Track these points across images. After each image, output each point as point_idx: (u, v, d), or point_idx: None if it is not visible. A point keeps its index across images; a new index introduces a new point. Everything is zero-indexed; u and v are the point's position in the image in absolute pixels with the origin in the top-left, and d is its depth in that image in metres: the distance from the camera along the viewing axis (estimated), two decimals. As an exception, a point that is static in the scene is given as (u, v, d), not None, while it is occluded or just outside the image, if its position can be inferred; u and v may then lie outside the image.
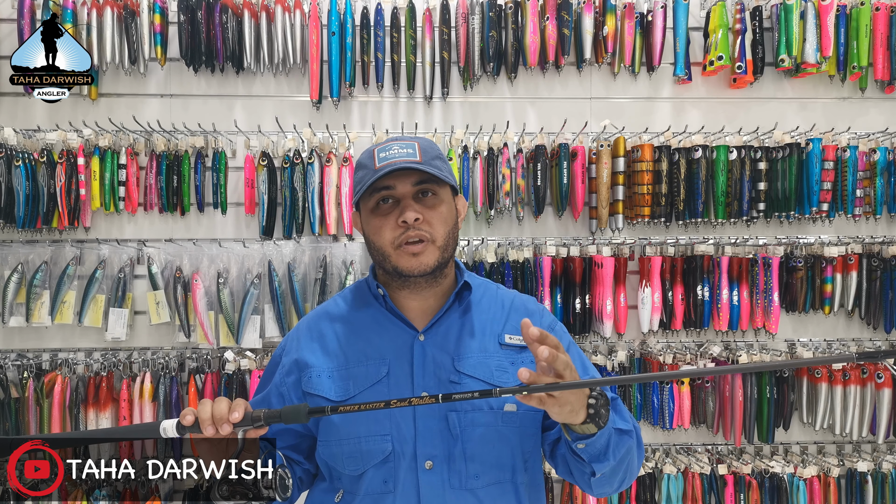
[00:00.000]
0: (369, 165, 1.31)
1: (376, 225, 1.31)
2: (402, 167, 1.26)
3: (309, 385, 1.33)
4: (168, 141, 2.88)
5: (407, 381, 1.30)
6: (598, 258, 2.88)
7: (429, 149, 1.32)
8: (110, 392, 2.78)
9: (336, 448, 1.30)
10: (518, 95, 3.05)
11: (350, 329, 1.38)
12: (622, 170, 2.88)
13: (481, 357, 1.32)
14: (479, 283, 1.44)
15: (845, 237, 3.02)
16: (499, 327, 1.37)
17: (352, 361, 1.33)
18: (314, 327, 1.41)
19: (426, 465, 1.26)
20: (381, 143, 1.33)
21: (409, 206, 1.28)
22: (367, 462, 1.28)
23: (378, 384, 1.30)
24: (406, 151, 1.29)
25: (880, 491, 2.93)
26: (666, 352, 2.94)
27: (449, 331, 1.35)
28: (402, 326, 1.36)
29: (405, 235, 1.28)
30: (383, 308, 1.38)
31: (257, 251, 2.91)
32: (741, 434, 2.90)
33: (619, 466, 1.23)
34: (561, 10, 2.87)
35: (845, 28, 2.96)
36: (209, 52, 2.85)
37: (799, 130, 2.98)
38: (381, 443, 1.27)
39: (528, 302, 1.46)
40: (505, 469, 1.29)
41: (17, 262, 2.84)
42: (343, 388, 1.31)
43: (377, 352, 1.33)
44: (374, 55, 2.91)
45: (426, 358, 1.32)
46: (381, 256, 1.32)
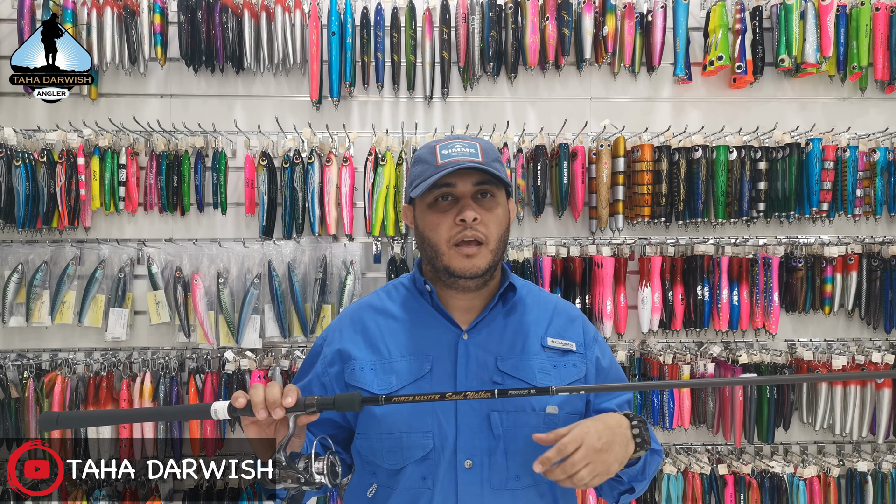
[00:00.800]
0: (430, 161, 1.31)
1: (433, 221, 1.31)
2: (467, 166, 1.26)
3: (352, 377, 1.33)
4: (168, 141, 2.88)
5: (450, 378, 1.31)
6: (598, 258, 2.88)
7: (489, 150, 1.33)
8: (110, 392, 2.78)
9: (376, 442, 1.31)
10: (518, 95, 3.05)
11: (394, 323, 1.38)
12: (622, 170, 2.88)
13: (524, 358, 1.34)
14: (522, 284, 1.45)
15: (845, 237, 3.02)
16: (542, 330, 1.38)
17: (395, 356, 1.34)
18: (357, 319, 1.41)
19: (466, 463, 1.27)
20: (442, 140, 1.34)
21: (469, 206, 1.28)
22: (407, 457, 1.28)
23: (420, 380, 1.31)
24: (469, 150, 1.29)
25: (880, 491, 2.93)
26: (666, 352, 2.94)
27: (492, 331, 1.36)
28: (446, 324, 1.36)
29: (462, 234, 1.28)
30: (429, 304, 1.39)
31: (257, 251, 2.91)
32: (741, 434, 2.90)
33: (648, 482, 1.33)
34: (561, 10, 2.87)
35: (845, 28, 2.96)
36: (209, 52, 2.85)
37: (799, 130, 2.98)
38: (423, 439, 1.28)
39: (570, 308, 1.47)
40: None
41: (17, 262, 2.84)
42: (386, 382, 1.31)
43: (421, 348, 1.34)
44: (374, 55, 2.91)
45: (469, 357, 1.33)
46: (434, 253, 1.32)
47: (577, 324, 1.43)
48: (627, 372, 2.91)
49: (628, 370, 2.92)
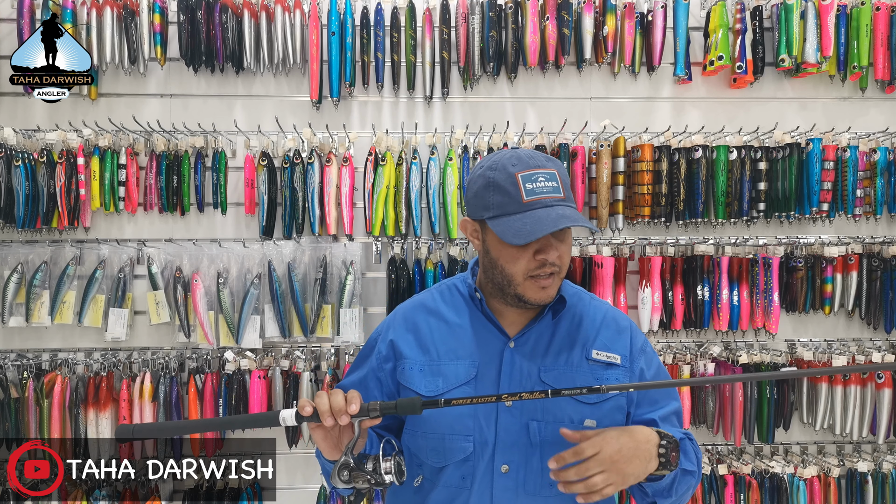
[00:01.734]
0: (513, 193, 1.26)
1: (512, 255, 1.29)
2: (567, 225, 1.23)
3: (402, 376, 1.38)
4: (168, 141, 2.87)
5: (493, 385, 1.34)
6: (598, 258, 2.88)
7: (565, 178, 1.30)
8: (110, 392, 2.78)
9: (421, 440, 1.35)
10: (518, 95, 3.05)
11: (444, 326, 1.41)
12: (622, 170, 2.88)
13: (567, 369, 1.35)
14: (572, 292, 1.45)
15: (845, 237, 3.02)
16: (588, 342, 1.39)
17: (443, 358, 1.37)
18: (410, 318, 1.44)
19: (502, 468, 1.31)
20: (521, 167, 1.27)
21: (552, 247, 1.27)
22: (448, 458, 1.33)
23: (465, 385, 1.34)
24: (552, 185, 1.26)
25: (880, 491, 2.93)
26: (666, 352, 2.94)
27: (539, 340, 1.37)
28: (494, 332, 1.38)
29: (541, 270, 1.28)
30: (479, 311, 1.41)
31: (257, 251, 2.91)
32: (741, 434, 2.90)
33: (678, 500, 1.31)
34: (561, 10, 2.87)
35: (845, 28, 2.96)
36: (209, 52, 2.85)
37: (799, 130, 2.98)
38: (463, 442, 1.32)
39: (620, 318, 1.46)
40: None
41: (17, 262, 2.84)
42: (433, 385, 1.35)
43: (468, 353, 1.37)
44: (374, 55, 2.91)
45: (514, 365, 1.34)
46: (508, 282, 1.31)
47: (624, 335, 1.42)
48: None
49: (628, 370, 2.91)
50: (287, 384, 2.80)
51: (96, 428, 2.76)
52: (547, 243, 1.28)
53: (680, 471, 1.26)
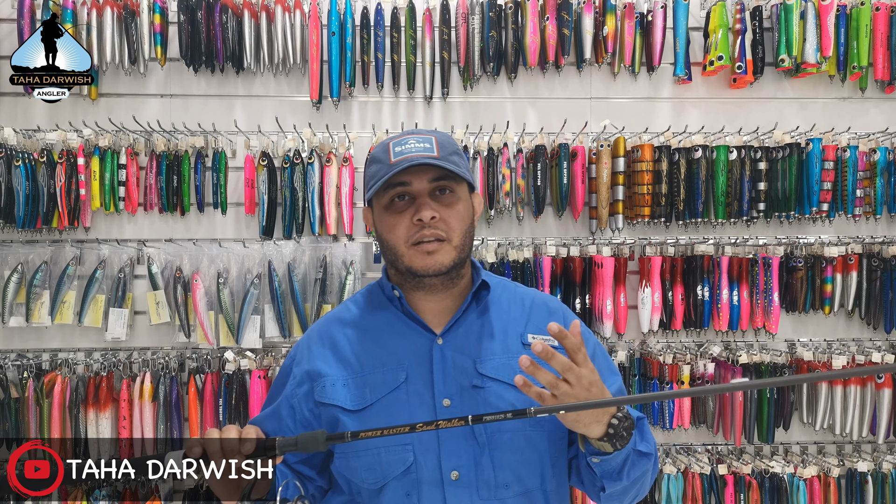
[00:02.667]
0: (384, 160, 1.25)
1: (390, 223, 1.25)
2: (420, 163, 1.21)
3: (322, 394, 1.27)
4: (168, 141, 2.88)
5: (426, 386, 1.24)
6: (598, 258, 2.88)
7: (447, 143, 1.27)
8: (110, 392, 2.78)
9: (354, 461, 1.23)
10: (518, 95, 3.05)
11: (364, 334, 1.32)
12: (622, 170, 2.88)
13: (504, 358, 1.27)
14: (497, 281, 1.39)
15: (845, 237, 3.02)
16: (521, 327, 1.32)
17: (367, 368, 1.27)
18: (325, 334, 1.35)
19: (452, 475, 1.20)
20: (396, 137, 1.27)
21: (426, 204, 1.22)
22: (387, 474, 1.21)
23: (396, 391, 1.24)
24: (423, 146, 1.23)
25: (880, 491, 2.93)
26: (666, 352, 2.94)
27: (468, 332, 1.30)
28: (419, 330, 1.30)
29: (420, 234, 1.22)
30: (399, 311, 1.33)
31: (257, 251, 2.91)
32: (741, 434, 2.90)
33: (631, 487, 1.21)
34: (561, 10, 2.87)
35: (845, 28, 2.96)
36: (209, 52, 2.85)
37: (799, 130, 2.98)
38: (402, 453, 1.21)
39: (550, 301, 1.41)
40: (534, 476, 1.24)
41: (17, 262, 2.84)
42: (359, 397, 1.25)
43: (394, 357, 1.27)
44: (374, 55, 2.91)
45: (446, 362, 1.26)
46: (394, 255, 1.27)
47: (557, 316, 1.35)
48: (627, 372, 2.91)
49: (628, 370, 2.91)
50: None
51: (96, 428, 2.76)
52: (422, 203, 1.22)
53: (634, 451, 1.15)
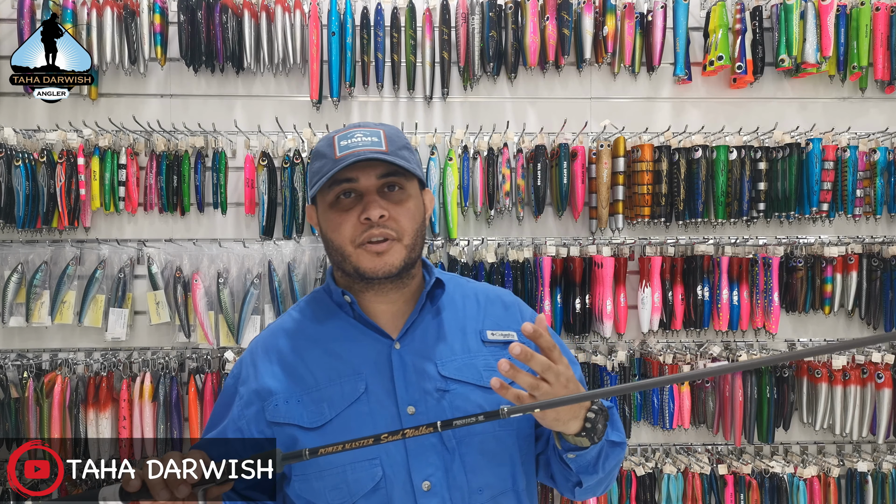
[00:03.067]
0: (329, 154, 1.17)
1: (335, 221, 1.18)
2: (367, 157, 1.14)
3: (275, 414, 1.17)
4: (168, 141, 2.88)
5: (388, 395, 1.17)
6: (598, 258, 2.88)
7: (395, 137, 1.20)
8: (110, 392, 2.78)
9: (317, 482, 1.15)
10: (518, 95, 3.05)
11: (315, 345, 1.23)
12: (622, 170, 2.88)
13: (466, 358, 1.22)
14: (449, 278, 1.33)
15: (845, 237, 3.02)
16: (479, 324, 1.27)
17: (322, 382, 1.18)
18: (271, 347, 1.25)
19: (423, 486, 1.14)
20: (341, 130, 1.20)
21: (374, 202, 1.15)
22: (354, 493, 1.13)
23: (357, 403, 1.16)
24: (371, 140, 1.16)
25: (880, 491, 2.93)
26: (666, 352, 2.94)
27: (426, 334, 1.23)
28: (374, 336, 1.22)
29: (368, 233, 1.15)
30: (351, 317, 1.25)
31: (257, 251, 2.91)
32: (741, 434, 2.90)
33: (605, 478, 1.19)
34: (561, 10, 2.87)
35: (845, 28, 2.96)
36: (209, 52, 2.85)
37: (799, 130, 2.98)
38: (370, 468, 1.13)
39: (503, 294, 1.35)
40: (506, 477, 1.20)
41: (17, 262, 2.84)
42: (317, 413, 1.16)
43: (350, 367, 1.19)
44: (374, 55, 2.91)
45: (407, 367, 1.19)
46: (341, 256, 1.19)
47: (513, 310, 1.31)
48: (627, 372, 2.91)
49: (628, 370, 2.91)
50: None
51: (96, 428, 2.76)
52: (370, 202, 1.15)
53: (607, 443, 1.13)
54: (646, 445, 3.05)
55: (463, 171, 2.86)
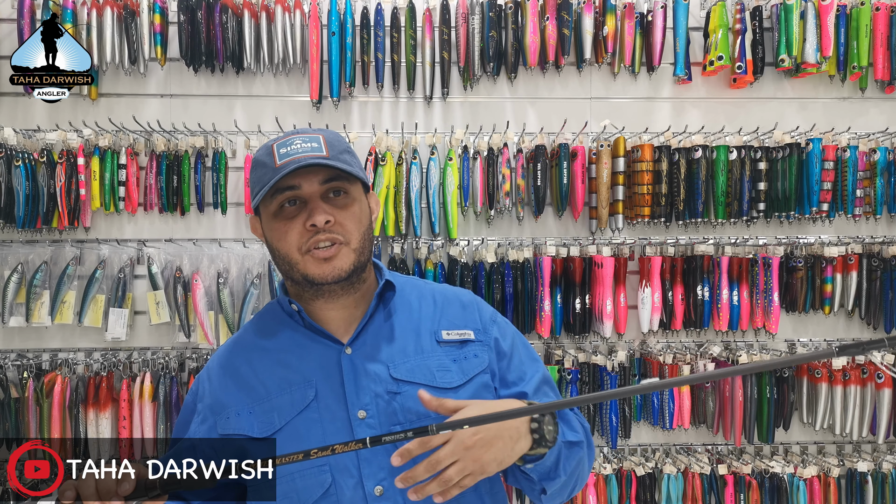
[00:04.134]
0: (268, 163, 1.17)
1: (280, 230, 1.17)
2: (309, 164, 1.13)
3: (226, 426, 1.18)
4: (168, 141, 2.88)
5: (339, 400, 1.16)
6: (598, 258, 2.88)
7: (335, 142, 1.19)
8: (110, 392, 2.78)
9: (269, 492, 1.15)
10: (518, 95, 3.05)
11: (267, 356, 1.23)
12: (622, 170, 2.88)
13: (419, 359, 1.21)
14: (403, 280, 1.33)
15: (845, 237, 3.02)
16: (434, 324, 1.26)
17: (273, 392, 1.19)
18: (226, 363, 1.26)
19: (376, 491, 1.12)
20: (280, 138, 1.19)
21: (318, 208, 1.14)
22: (304, 500, 1.13)
23: (306, 410, 1.16)
24: (310, 146, 1.16)
25: (880, 491, 2.93)
26: (666, 352, 2.94)
27: (378, 337, 1.23)
28: (324, 342, 1.22)
29: (314, 240, 1.15)
30: (301, 325, 1.25)
31: (257, 251, 2.91)
32: (741, 434, 2.90)
33: (569, 479, 1.16)
34: (561, 10, 2.87)
35: (845, 28, 2.96)
36: (209, 52, 2.85)
37: (799, 130, 2.98)
38: (318, 475, 1.13)
39: (462, 294, 1.34)
40: None
41: (17, 262, 2.84)
42: (266, 423, 1.16)
43: (300, 375, 1.19)
44: (374, 55, 2.91)
45: (357, 372, 1.18)
46: (288, 265, 1.18)
47: (471, 309, 1.30)
48: (627, 372, 2.91)
49: (628, 370, 2.91)
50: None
51: (96, 428, 2.76)
52: (315, 208, 1.14)
53: (563, 444, 1.11)
54: (646, 445, 3.05)
55: (463, 171, 2.86)
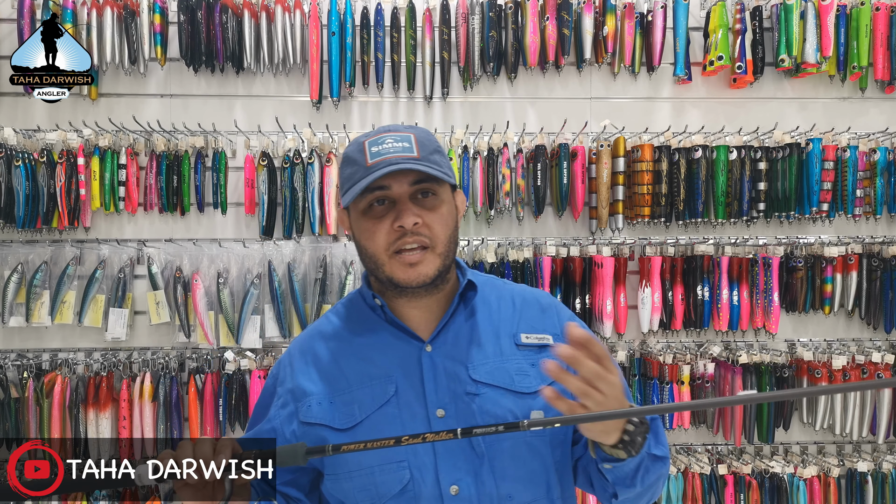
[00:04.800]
0: (360, 161, 1.16)
1: (369, 229, 1.17)
2: (399, 168, 1.12)
3: (308, 414, 1.20)
4: (168, 141, 2.88)
5: (418, 398, 1.17)
6: (598, 258, 2.88)
7: (426, 141, 1.18)
8: (110, 392, 2.78)
9: (347, 482, 1.16)
10: (518, 95, 3.05)
11: (348, 347, 1.25)
12: (622, 170, 2.88)
13: (498, 362, 1.20)
14: (483, 280, 1.31)
15: (845, 237, 3.02)
16: (513, 327, 1.25)
17: (354, 384, 1.20)
18: (308, 350, 1.27)
19: (451, 490, 1.13)
20: (372, 135, 1.18)
21: (407, 210, 1.14)
22: (383, 495, 1.14)
23: (386, 405, 1.17)
24: (402, 146, 1.15)
25: (880, 491, 2.93)
26: (666, 352, 2.94)
27: (458, 337, 1.22)
28: (405, 339, 1.23)
29: (402, 241, 1.14)
30: (382, 320, 1.25)
31: (257, 251, 2.91)
32: (741, 434, 2.90)
33: (644, 492, 1.16)
34: (561, 10, 2.87)
35: (845, 28, 2.96)
36: (209, 52, 2.85)
37: (799, 130, 2.98)
38: (398, 471, 1.14)
39: (541, 296, 1.32)
40: (539, 485, 1.17)
41: (17, 262, 2.84)
42: (347, 415, 1.18)
43: (381, 370, 1.20)
44: (374, 55, 2.91)
45: (437, 370, 1.19)
46: (374, 265, 1.20)
47: (550, 312, 1.29)
48: (627, 372, 2.91)
49: (628, 370, 2.92)
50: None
51: (96, 428, 2.76)
52: (403, 209, 1.14)
53: (648, 455, 1.09)
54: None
55: (463, 171, 2.86)
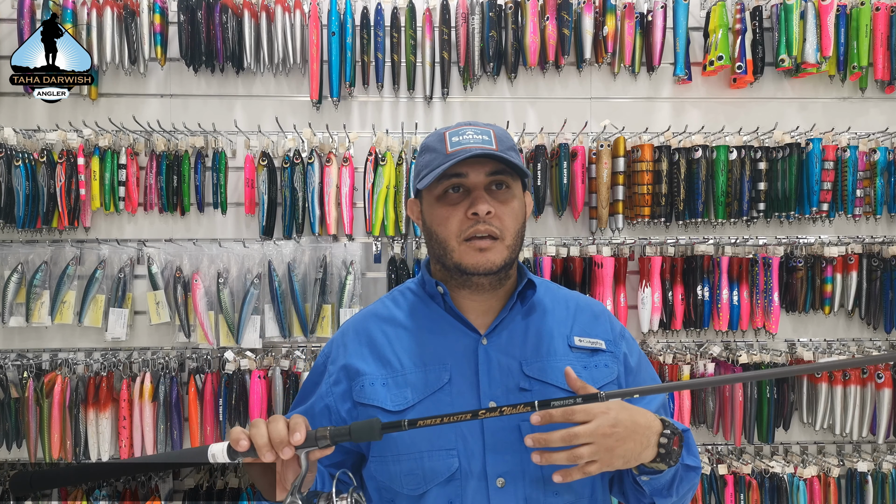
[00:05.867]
0: (439, 149, 1.20)
1: (442, 215, 1.20)
2: (480, 154, 1.15)
3: (361, 395, 1.21)
4: (168, 141, 2.88)
5: (471, 389, 1.19)
6: (598, 258, 2.88)
7: (504, 138, 1.22)
8: (110, 392, 2.78)
9: (394, 465, 1.17)
10: (518, 95, 3.05)
11: (404, 332, 1.26)
12: (622, 170, 2.88)
13: (551, 360, 1.22)
14: (540, 282, 1.34)
15: (845, 237, 3.02)
16: (566, 329, 1.28)
17: (408, 368, 1.21)
18: (362, 330, 1.29)
19: (497, 482, 1.14)
20: (452, 127, 1.23)
21: (482, 198, 1.17)
22: (429, 481, 1.15)
23: (439, 392, 1.18)
24: (482, 138, 1.19)
25: (880, 491, 2.93)
26: (666, 352, 2.94)
27: (513, 333, 1.25)
28: (462, 329, 1.25)
29: (474, 229, 1.17)
30: (441, 308, 1.27)
31: (257, 251, 2.91)
32: (741, 434, 2.90)
33: (679, 501, 1.18)
34: (561, 10, 2.87)
35: (845, 28, 2.96)
36: (209, 52, 2.85)
37: (799, 130, 2.98)
38: (446, 458, 1.15)
39: (594, 304, 1.36)
40: (585, 486, 1.18)
41: (17, 262, 2.84)
42: (400, 398, 1.19)
43: (436, 357, 1.22)
44: (374, 55, 2.91)
45: (491, 363, 1.21)
46: (444, 250, 1.21)
47: (602, 319, 1.32)
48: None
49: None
50: (287, 384, 2.80)
51: (96, 428, 2.76)
52: (478, 197, 1.17)
53: (682, 466, 1.13)
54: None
55: (463, 171, 2.86)
